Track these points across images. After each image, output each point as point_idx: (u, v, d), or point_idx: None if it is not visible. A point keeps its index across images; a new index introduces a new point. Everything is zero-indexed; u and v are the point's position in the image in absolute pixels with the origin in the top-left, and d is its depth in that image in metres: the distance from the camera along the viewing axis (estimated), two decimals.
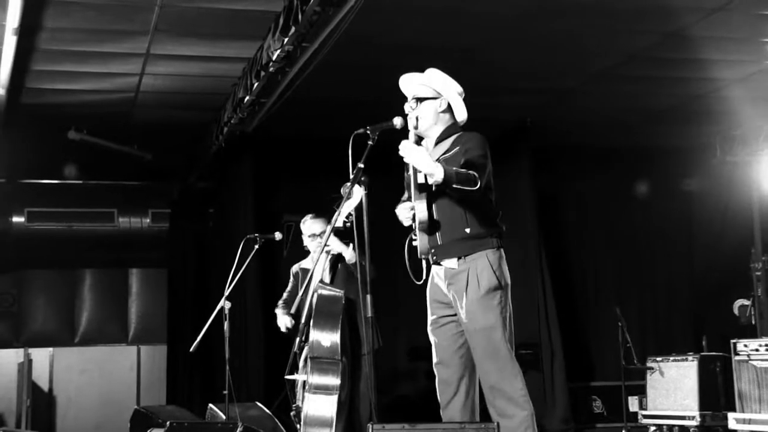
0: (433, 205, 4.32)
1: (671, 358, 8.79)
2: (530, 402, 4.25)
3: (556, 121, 9.77)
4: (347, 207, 4.89)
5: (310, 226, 6.45)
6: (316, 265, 5.60)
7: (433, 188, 4.27)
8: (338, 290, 5.73)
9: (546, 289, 9.71)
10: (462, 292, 4.26)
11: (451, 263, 4.31)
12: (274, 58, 6.66)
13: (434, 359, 4.43)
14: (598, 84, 8.55)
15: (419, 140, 4.45)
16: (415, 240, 4.37)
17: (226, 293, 6.35)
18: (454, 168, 4.15)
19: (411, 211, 4.35)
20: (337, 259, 6.15)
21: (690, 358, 8.64)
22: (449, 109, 4.47)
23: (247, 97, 7.72)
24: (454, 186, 4.10)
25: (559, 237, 10.59)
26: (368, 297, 4.06)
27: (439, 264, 4.37)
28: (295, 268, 6.65)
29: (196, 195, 10.49)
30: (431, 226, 4.30)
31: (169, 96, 8.69)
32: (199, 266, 10.29)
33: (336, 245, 6.06)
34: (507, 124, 9.60)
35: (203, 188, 10.49)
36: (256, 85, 7.36)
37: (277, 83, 7.41)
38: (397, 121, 4.18)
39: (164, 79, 8.23)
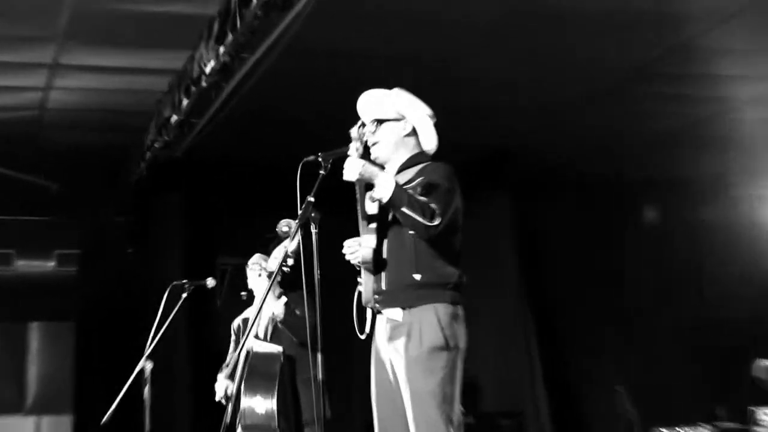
0: (384, 241, 4.32)
1: (679, 430, 8.83)
2: None
3: (542, 148, 9.86)
4: (283, 248, 4.88)
5: (255, 260, 6.42)
6: (255, 318, 5.60)
7: (388, 218, 4.28)
8: (275, 347, 5.73)
9: (531, 347, 9.76)
10: (401, 350, 4.25)
11: (394, 314, 4.29)
12: (207, 70, 6.67)
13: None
14: (592, 104, 8.67)
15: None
16: (361, 284, 4.38)
17: (147, 351, 6.31)
18: (411, 191, 4.18)
19: (357, 246, 4.37)
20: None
21: (702, 428, 8.69)
22: (414, 133, 4.48)
23: (175, 117, 7.71)
24: (404, 210, 4.09)
25: (545, 284, 10.66)
26: (319, 356, 4.06)
27: (381, 313, 4.37)
28: (236, 323, 6.61)
29: (112, 233, 10.42)
30: (376, 266, 4.30)
31: (82, 115, 8.66)
32: (113, 319, 10.19)
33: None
34: (484, 151, 9.67)
35: (121, 225, 10.43)
36: (185, 102, 7.36)
37: (211, 100, 7.41)
38: (363, 138, 4.21)
39: (75, 95, 8.20)
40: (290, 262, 4.96)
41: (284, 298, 6.01)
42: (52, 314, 10.94)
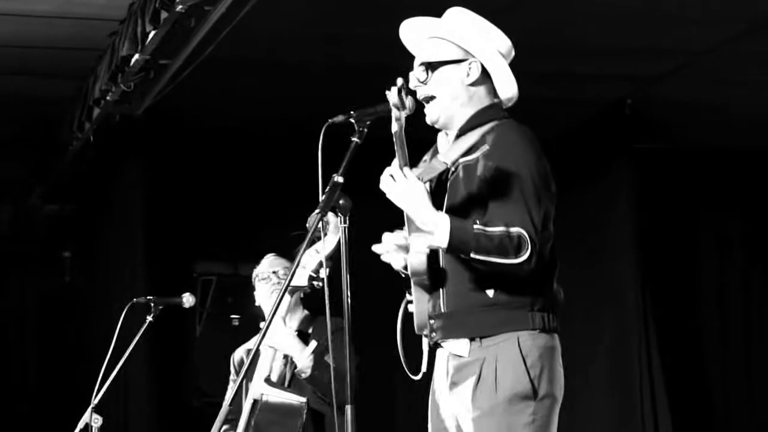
0: None
1: None
2: None
3: (674, 108, 9.88)
4: (314, 252, 4.86)
5: (271, 266, 6.44)
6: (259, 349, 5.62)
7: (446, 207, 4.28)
8: (296, 397, 5.76)
9: (655, 389, 9.83)
10: (468, 400, 4.27)
11: (458, 347, 4.32)
12: None
13: None
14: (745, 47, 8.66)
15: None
16: (411, 302, 4.40)
17: (95, 401, 6.35)
18: (477, 226, 4.13)
19: (403, 246, 4.37)
20: (304, 337, 6.17)
21: None
22: (486, 79, 4.48)
23: (137, 56, 7.75)
24: (474, 257, 4.09)
25: (680, 302, 10.74)
26: (348, 409, 4.06)
27: (441, 346, 4.39)
28: (238, 355, 6.66)
29: (42, 226, 10.49)
30: (433, 279, 4.31)
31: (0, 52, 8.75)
32: (45, 350, 10.27)
33: (284, 341, 6.07)
34: (589, 111, 9.69)
35: (55, 215, 10.50)
36: (152, 34, 7.39)
37: (189, 32, 7.45)
38: (407, 103, 4.19)
39: None
40: (324, 273, 4.92)
41: (312, 345, 6.02)
42: None
